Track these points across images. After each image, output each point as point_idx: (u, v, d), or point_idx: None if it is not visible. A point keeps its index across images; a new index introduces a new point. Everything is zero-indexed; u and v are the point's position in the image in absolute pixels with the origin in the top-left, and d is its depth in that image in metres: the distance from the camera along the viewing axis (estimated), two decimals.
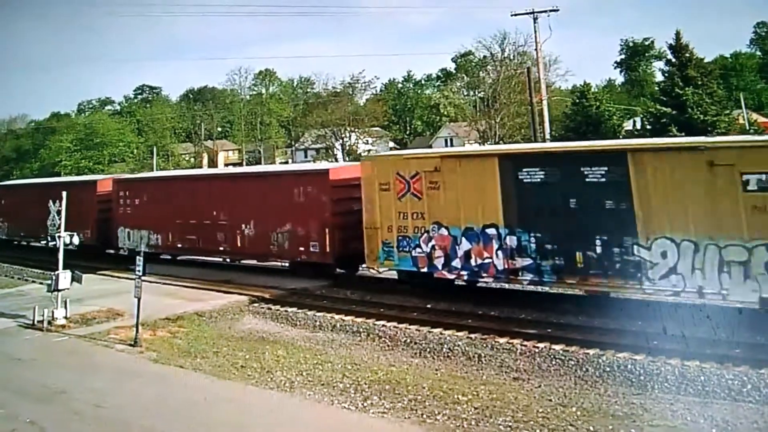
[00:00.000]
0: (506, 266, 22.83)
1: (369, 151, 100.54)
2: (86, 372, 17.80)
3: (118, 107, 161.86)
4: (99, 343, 20.62)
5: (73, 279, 22.97)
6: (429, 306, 23.56)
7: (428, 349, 19.48)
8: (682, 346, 17.20)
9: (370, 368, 17.59)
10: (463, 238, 23.79)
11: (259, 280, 29.29)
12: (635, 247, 20.08)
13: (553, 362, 17.54)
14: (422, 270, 24.89)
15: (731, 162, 18.68)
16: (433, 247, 24.49)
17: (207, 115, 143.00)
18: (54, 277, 22.90)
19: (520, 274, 22.66)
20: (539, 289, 23.95)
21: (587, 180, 21.19)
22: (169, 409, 15.01)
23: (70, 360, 19.05)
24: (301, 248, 29.11)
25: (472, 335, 19.84)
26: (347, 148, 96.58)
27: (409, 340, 20.27)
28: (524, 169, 22.51)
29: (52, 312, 22.72)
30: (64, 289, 22.92)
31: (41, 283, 27.89)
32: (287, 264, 31.10)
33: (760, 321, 18.24)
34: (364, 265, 27.02)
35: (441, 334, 20.34)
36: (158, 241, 35.53)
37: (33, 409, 15.12)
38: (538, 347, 18.38)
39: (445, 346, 19.41)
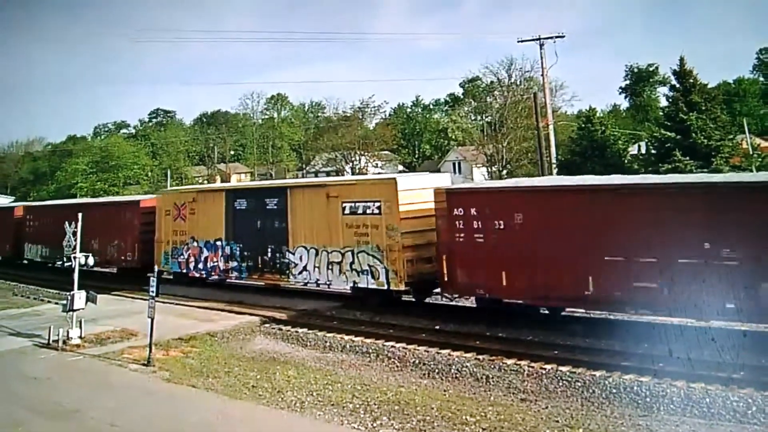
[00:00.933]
0: (224, 267, 33.04)
1: (378, 174, 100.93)
2: (100, 391, 18.05)
3: (133, 130, 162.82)
4: (113, 362, 20.88)
5: (88, 299, 23.28)
6: (438, 327, 23.75)
7: (437, 370, 19.66)
8: (688, 368, 17.33)
9: (379, 389, 17.76)
10: (204, 248, 34.01)
11: (270, 301, 29.55)
12: (287, 253, 29.93)
13: (560, 384, 17.69)
14: (183, 271, 35.18)
15: (336, 195, 27.98)
16: (189, 255, 34.77)
17: (220, 139, 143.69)
18: (69, 298, 23.22)
19: (230, 272, 32.96)
20: (544, 311, 24.15)
21: (267, 207, 31.13)
22: (182, 428, 15.25)
23: (84, 379, 19.31)
24: (122, 257, 39.23)
25: (480, 356, 20.01)
26: (357, 171, 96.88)
27: (418, 361, 20.46)
28: (237, 200, 32.79)
29: (67, 332, 23.02)
30: (79, 309, 23.23)
31: (56, 303, 28.19)
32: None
33: (764, 343, 18.41)
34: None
35: (449, 355, 20.51)
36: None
37: (48, 427, 15.43)
38: (545, 369, 18.52)
39: (454, 367, 19.59)
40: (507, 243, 22.67)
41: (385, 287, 26.16)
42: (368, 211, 26.74)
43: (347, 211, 27.49)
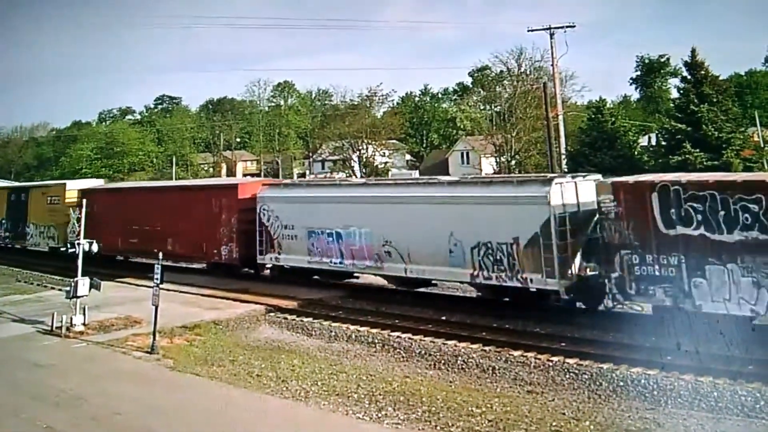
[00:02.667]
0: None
1: (386, 163, 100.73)
2: (104, 378, 17.96)
3: (139, 117, 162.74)
4: (117, 350, 20.82)
5: (91, 286, 23.19)
6: (444, 318, 23.64)
7: (443, 361, 19.59)
8: (696, 361, 17.20)
9: (384, 379, 17.68)
10: None
11: (276, 290, 29.38)
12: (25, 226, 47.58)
13: (567, 376, 17.59)
14: None
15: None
16: None
17: (226, 126, 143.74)
18: (73, 284, 23.13)
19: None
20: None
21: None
22: (185, 416, 15.17)
23: (87, 366, 19.22)
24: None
25: (487, 348, 19.93)
26: (364, 160, 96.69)
27: (423, 352, 20.38)
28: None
29: (71, 318, 22.93)
30: (82, 296, 23.14)
31: (60, 290, 28.14)
32: None
33: None
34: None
35: (455, 346, 20.42)
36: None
37: (50, 415, 15.31)
38: (552, 361, 18.42)
39: (460, 358, 19.51)
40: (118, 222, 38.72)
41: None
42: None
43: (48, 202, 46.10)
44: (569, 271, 22.13)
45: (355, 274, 29.48)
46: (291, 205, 30.76)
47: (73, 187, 44.97)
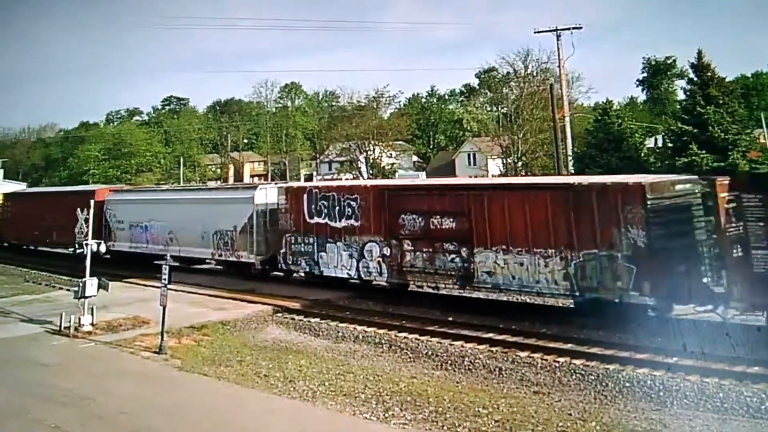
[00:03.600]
0: None
1: (393, 164, 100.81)
2: (111, 378, 18.03)
3: (146, 118, 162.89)
4: (124, 350, 20.90)
5: (99, 286, 23.29)
6: (451, 319, 23.67)
7: (450, 362, 19.62)
8: (702, 362, 17.22)
9: (391, 379, 17.74)
10: None
11: (282, 290, 29.49)
12: None
13: (574, 377, 17.62)
14: None
15: None
16: None
17: (233, 127, 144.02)
18: (81, 284, 23.23)
19: None
20: (560, 303, 24.16)
21: None
22: (193, 416, 15.23)
23: (95, 366, 19.29)
24: None
25: (493, 348, 19.98)
26: (371, 161, 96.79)
27: (430, 352, 20.42)
28: None
29: (79, 319, 23.02)
30: (90, 296, 23.24)
31: (68, 290, 28.23)
32: None
33: None
34: None
35: (462, 346, 20.47)
36: None
37: (58, 414, 15.36)
38: (558, 361, 18.46)
39: (467, 358, 19.54)
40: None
41: None
42: None
43: None
44: (263, 249, 32.44)
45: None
46: (123, 206, 41.73)
47: None
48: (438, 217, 25.31)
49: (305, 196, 30.17)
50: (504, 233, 23.21)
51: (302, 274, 31.07)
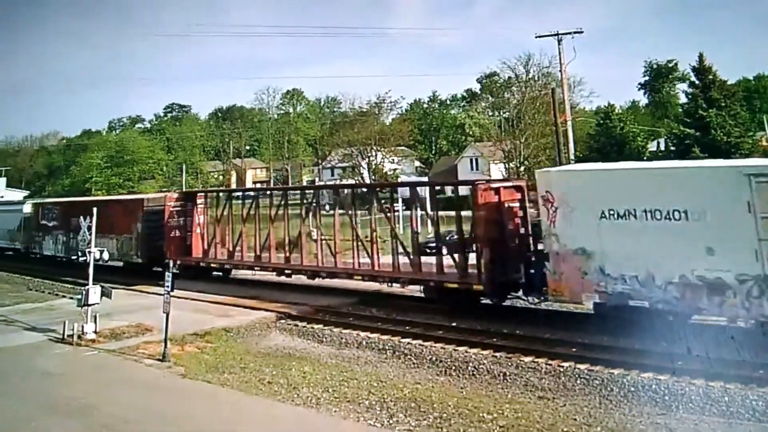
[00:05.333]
0: None
1: (395, 170, 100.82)
2: (115, 386, 18.04)
3: (148, 125, 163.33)
4: (128, 357, 20.90)
5: (102, 294, 23.30)
6: (454, 324, 23.63)
7: (453, 367, 19.57)
8: (707, 366, 17.17)
9: (395, 385, 17.69)
10: None
11: (286, 296, 29.48)
12: None
13: (578, 381, 17.57)
14: None
15: None
16: None
17: (235, 134, 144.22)
18: (84, 292, 23.24)
19: None
20: (564, 308, 24.10)
21: None
22: (197, 424, 15.21)
23: (99, 374, 19.31)
24: None
25: (498, 354, 19.93)
26: (373, 167, 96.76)
27: (434, 358, 20.37)
28: None
29: (82, 327, 23.05)
30: (93, 304, 23.24)
31: (71, 298, 28.24)
32: None
33: None
34: None
35: (466, 352, 20.44)
36: None
37: (62, 423, 15.42)
38: (563, 366, 18.41)
39: (471, 364, 19.50)
40: None
41: None
42: None
43: None
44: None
45: None
46: None
47: None
48: None
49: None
50: None
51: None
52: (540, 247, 23.33)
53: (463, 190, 29.66)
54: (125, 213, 39.32)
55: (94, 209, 26.23)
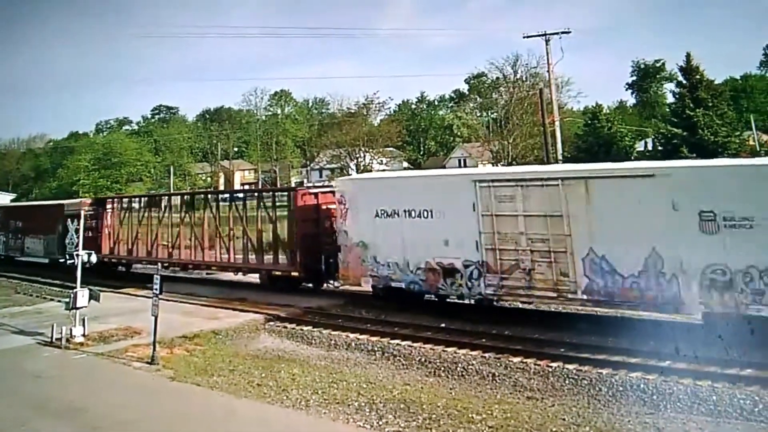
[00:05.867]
0: None
1: (383, 170, 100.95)
2: (104, 389, 18.00)
3: (136, 127, 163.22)
4: (117, 360, 20.84)
5: (91, 297, 23.21)
6: (443, 325, 23.67)
7: (442, 368, 19.58)
8: (694, 365, 17.26)
9: (385, 387, 17.69)
10: None
11: (274, 298, 29.43)
12: None
13: (567, 381, 17.61)
14: None
15: None
16: None
17: (223, 135, 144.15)
18: (72, 295, 23.15)
19: None
20: (552, 308, 24.22)
21: None
22: (186, 426, 15.21)
23: (88, 377, 19.28)
24: None
25: (486, 354, 19.95)
26: (362, 168, 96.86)
27: (423, 359, 20.38)
28: None
29: (71, 330, 22.96)
30: (82, 307, 23.15)
31: (59, 301, 28.15)
32: None
33: None
34: None
35: (455, 353, 20.44)
36: None
37: (51, 426, 15.39)
38: (551, 367, 18.45)
39: (459, 365, 19.52)
40: None
41: None
42: None
43: None
44: None
45: None
46: None
47: None
48: None
49: None
50: None
51: None
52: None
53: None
54: (49, 216, 45.73)
55: (82, 213, 26.41)
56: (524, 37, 56.97)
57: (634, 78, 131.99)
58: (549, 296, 22.56)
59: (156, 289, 20.75)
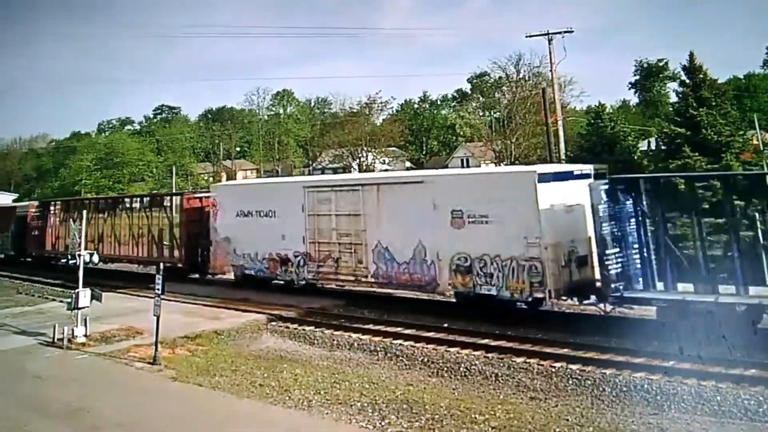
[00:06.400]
0: None
1: (386, 170, 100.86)
2: (106, 390, 17.98)
3: (138, 127, 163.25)
4: (119, 361, 20.82)
5: (93, 297, 23.18)
6: (446, 325, 23.62)
7: (445, 369, 19.55)
8: (698, 366, 17.19)
9: (387, 387, 17.65)
10: None
11: (276, 298, 29.41)
12: None
13: (570, 382, 17.57)
14: None
15: None
16: None
17: (225, 135, 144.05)
18: (74, 296, 23.12)
19: None
20: (556, 309, 24.16)
21: None
22: (188, 426, 15.19)
23: (90, 378, 19.23)
24: None
25: (489, 354, 19.92)
26: (364, 167, 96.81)
27: (426, 359, 20.34)
28: None
29: (72, 330, 22.94)
30: (84, 308, 23.12)
31: (61, 302, 28.12)
32: None
33: None
34: None
35: (458, 353, 20.42)
36: None
37: (53, 427, 15.37)
38: (554, 367, 18.41)
39: (462, 365, 19.48)
40: None
41: None
42: None
43: None
44: None
45: None
46: None
47: None
48: None
49: None
50: None
51: None
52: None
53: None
54: (3, 217, 52.60)
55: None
56: (527, 37, 56.92)
57: (637, 77, 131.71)
58: (350, 280, 28.13)
59: (158, 289, 20.72)
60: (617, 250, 20.07)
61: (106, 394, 17.54)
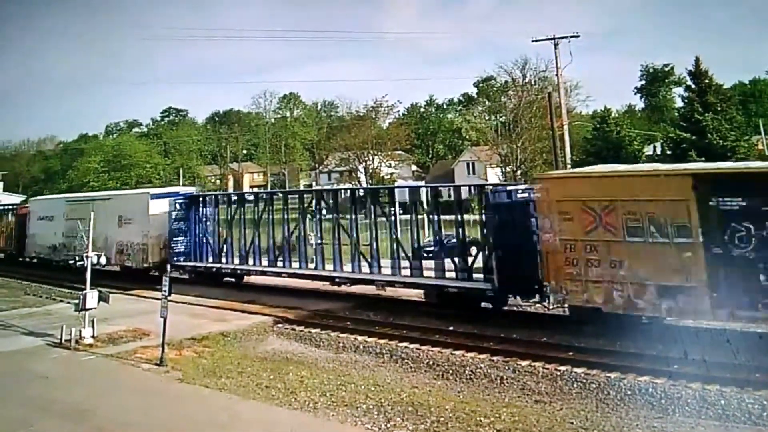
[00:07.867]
0: None
1: (392, 174, 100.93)
2: (112, 391, 18.05)
3: (145, 129, 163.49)
4: (125, 362, 20.90)
5: (100, 299, 23.29)
6: (451, 328, 23.65)
7: (451, 371, 19.59)
8: (703, 370, 17.21)
9: (393, 390, 17.69)
10: None
11: (282, 300, 29.51)
12: None
13: (575, 385, 17.60)
14: None
15: None
16: None
17: (232, 138, 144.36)
18: (81, 297, 23.22)
19: None
20: (561, 312, 24.13)
21: None
22: (194, 428, 15.23)
23: (96, 379, 19.33)
24: None
25: (495, 358, 19.92)
26: (370, 171, 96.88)
27: (431, 362, 20.39)
28: None
29: (80, 331, 23.06)
30: (91, 309, 23.23)
31: (69, 303, 28.24)
32: None
33: None
34: None
35: (463, 356, 20.42)
36: None
37: (60, 427, 15.46)
38: (559, 370, 18.42)
39: (468, 368, 19.51)
40: None
41: None
42: None
43: None
44: None
45: None
46: None
47: None
48: None
49: None
50: None
51: None
52: None
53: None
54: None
55: (92, 213, 26.50)
56: (533, 41, 56.65)
57: (643, 82, 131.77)
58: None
59: (165, 291, 20.80)
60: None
61: (112, 395, 17.62)
